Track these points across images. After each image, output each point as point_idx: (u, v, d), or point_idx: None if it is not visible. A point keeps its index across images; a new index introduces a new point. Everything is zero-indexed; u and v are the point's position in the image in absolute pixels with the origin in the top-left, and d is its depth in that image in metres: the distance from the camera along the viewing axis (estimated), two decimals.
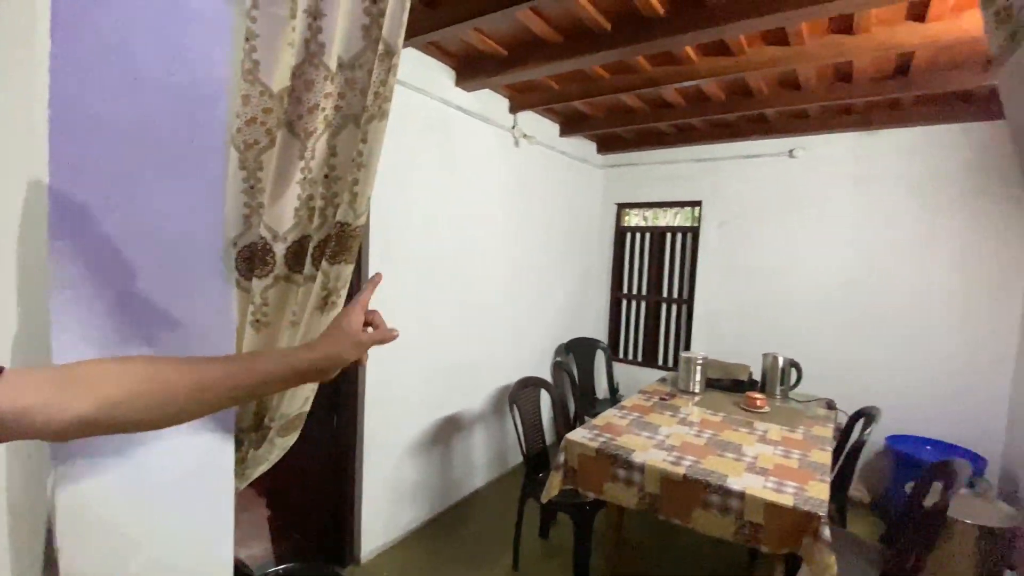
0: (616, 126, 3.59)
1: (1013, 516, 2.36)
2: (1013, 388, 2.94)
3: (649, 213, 4.52)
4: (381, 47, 0.68)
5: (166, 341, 0.82)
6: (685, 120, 3.37)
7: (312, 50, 0.72)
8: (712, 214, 4.04)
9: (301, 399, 0.97)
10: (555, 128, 3.79)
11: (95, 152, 0.73)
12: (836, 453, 2.37)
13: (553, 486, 2.13)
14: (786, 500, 1.70)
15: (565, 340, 4.17)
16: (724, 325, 3.99)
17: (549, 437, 2.90)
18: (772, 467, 1.96)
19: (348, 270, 0.82)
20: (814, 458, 2.08)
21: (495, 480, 3.45)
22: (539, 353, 3.89)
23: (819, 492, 1.77)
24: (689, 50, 2.42)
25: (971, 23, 1.91)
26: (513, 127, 3.29)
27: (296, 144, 0.76)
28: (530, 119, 3.48)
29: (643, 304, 4.50)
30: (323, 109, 0.74)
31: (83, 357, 0.72)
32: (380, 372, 2.49)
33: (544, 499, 2.16)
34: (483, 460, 3.35)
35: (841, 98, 2.81)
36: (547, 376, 3.85)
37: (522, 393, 2.55)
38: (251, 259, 0.86)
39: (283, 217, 0.79)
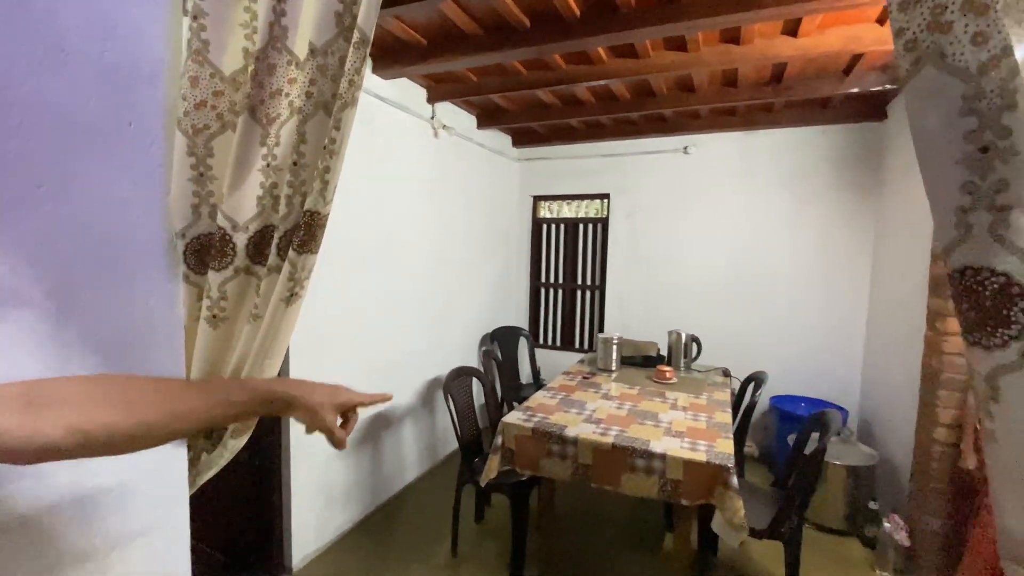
0: (531, 120, 3.71)
1: (872, 456, 2.86)
2: (865, 349, 3.54)
3: (563, 205, 4.73)
4: (356, 35, 0.68)
5: (106, 340, 0.75)
6: (594, 117, 3.57)
7: (275, 34, 0.71)
8: (620, 206, 4.34)
9: None
10: (472, 120, 3.83)
11: (23, 136, 0.65)
12: (733, 414, 2.70)
13: (492, 468, 2.20)
14: (700, 456, 1.92)
15: (489, 330, 4.25)
16: (633, 307, 4.32)
17: (481, 423, 2.97)
18: (685, 429, 2.19)
19: (314, 260, 0.81)
20: (718, 419, 2.36)
21: (427, 473, 3.45)
22: (464, 344, 3.93)
23: (726, 447, 2.02)
24: (601, 51, 2.58)
25: (833, 39, 2.26)
26: (432, 117, 3.27)
27: (257, 130, 0.73)
28: (448, 110, 3.49)
29: (560, 291, 4.72)
30: (287, 95, 0.73)
31: (14, 360, 0.66)
32: (304, 371, 2.39)
33: (483, 482, 2.22)
34: (414, 454, 3.33)
35: (728, 101, 3.16)
36: (475, 365, 3.91)
37: (455, 383, 2.59)
38: (202, 251, 0.82)
39: (243, 206, 0.76)
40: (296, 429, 2.38)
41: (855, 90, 2.81)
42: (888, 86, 2.74)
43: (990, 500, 0.50)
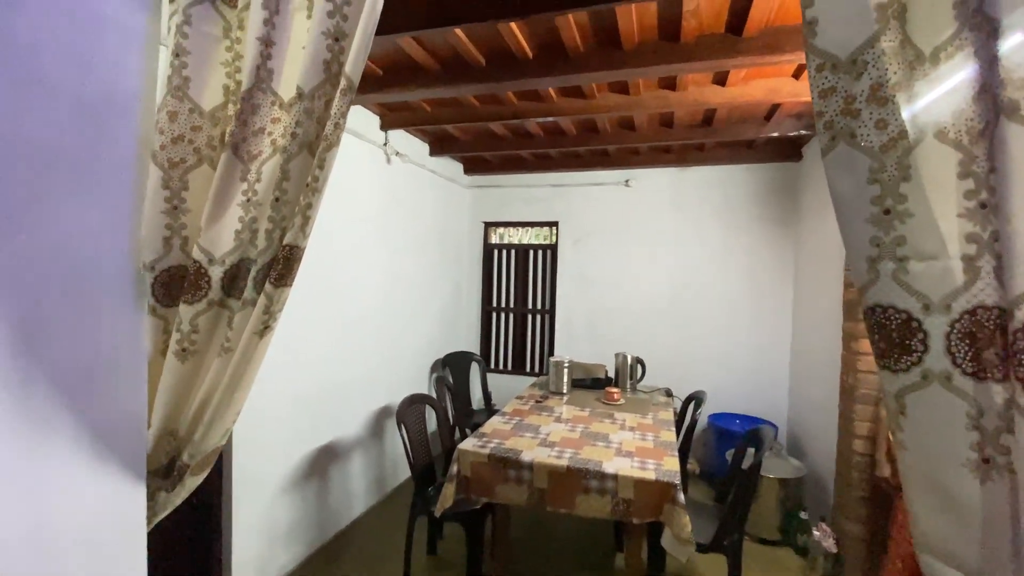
0: (483, 150, 3.82)
1: (800, 468, 3.09)
2: (790, 368, 3.85)
3: (513, 231, 4.85)
4: (344, 82, 0.72)
5: (70, 371, 0.73)
6: (543, 150, 3.73)
7: (261, 76, 0.73)
8: (567, 233, 4.51)
9: (220, 432, 0.91)
10: (425, 147, 3.88)
11: (1, 170, 0.63)
12: (676, 432, 2.84)
13: (447, 497, 2.18)
14: (649, 475, 2.01)
15: (440, 355, 4.23)
16: (580, 330, 4.46)
17: (433, 451, 2.93)
18: (634, 449, 2.29)
19: (288, 292, 0.82)
20: (664, 438, 2.48)
21: (375, 507, 3.34)
22: (416, 370, 3.89)
23: (672, 465, 2.13)
24: (551, 90, 2.73)
25: (756, 89, 2.53)
26: (385, 144, 3.30)
27: (239, 166, 0.75)
28: (400, 137, 3.52)
29: (511, 315, 4.79)
30: (270, 133, 0.75)
31: None
32: (247, 405, 2.28)
33: (438, 512, 2.20)
34: (361, 488, 3.22)
35: (664, 140, 3.42)
36: (425, 391, 3.86)
37: (409, 411, 2.56)
38: (171, 283, 0.81)
39: (220, 240, 0.76)
40: (239, 462, 2.26)
41: (775, 134, 3.13)
42: (803, 131, 3.07)
43: (904, 503, 0.59)
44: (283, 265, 0.78)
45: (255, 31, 0.72)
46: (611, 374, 3.55)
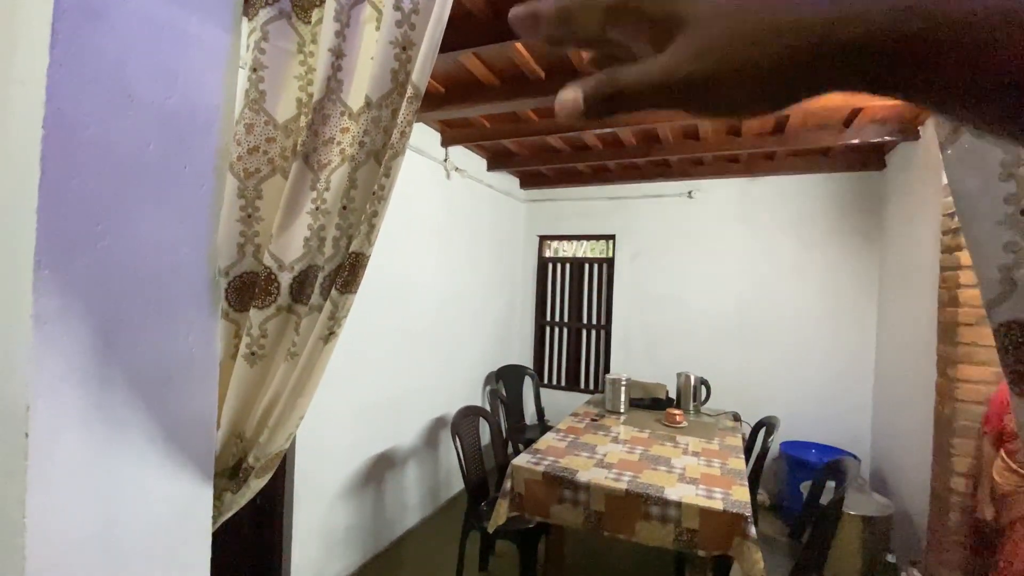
0: (540, 164, 3.82)
1: (887, 506, 2.79)
2: (874, 395, 3.51)
3: (569, 245, 4.80)
4: (410, 90, 0.73)
5: (146, 374, 0.76)
6: (601, 162, 3.68)
7: (331, 87, 0.75)
8: (625, 247, 4.40)
9: (284, 435, 0.93)
10: (482, 163, 3.94)
11: (86, 175, 0.68)
12: (745, 459, 2.65)
13: (500, 513, 2.14)
14: (716, 504, 1.88)
15: (494, 368, 4.22)
16: (638, 348, 4.30)
17: (486, 465, 2.90)
18: (700, 476, 2.15)
19: (353, 299, 0.83)
20: (732, 465, 2.32)
21: (428, 518, 3.34)
22: (470, 383, 3.90)
23: (742, 495, 1.98)
24: None
25: (832, 94, 2.36)
26: (445, 160, 3.37)
27: (309, 175, 0.77)
28: (459, 153, 3.59)
29: (565, 330, 4.71)
30: (339, 143, 0.77)
31: (60, 392, 0.66)
32: (310, 411, 2.36)
33: (491, 528, 2.16)
34: (416, 498, 3.24)
35: (731, 149, 3.27)
36: (479, 404, 3.86)
37: (463, 422, 2.55)
38: (244, 289, 0.84)
39: (291, 247, 0.78)
40: (301, 468, 2.33)
41: (855, 141, 2.91)
42: (887, 138, 2.83)
43: (1008, 553, 0.49)
44: (349, 272, 0.78)
45: (327, 43, 0.74)
46: (672, 395, 3.39)
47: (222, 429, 0.86)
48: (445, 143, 3.35)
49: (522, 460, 2.22)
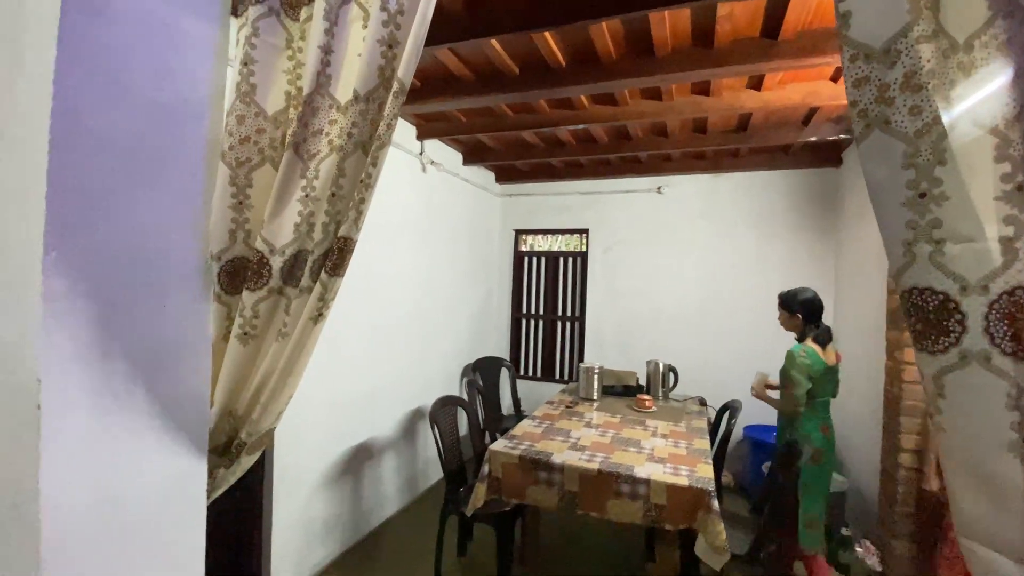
0: (515, 159, 3.88)
1: (843, 482, 2.98)
2: None
3: (544, 239, 4.89)
4: (396, 86, 0.78)
5: (141, 354, 0.80)
6: (574, 157, 3.77)
7: (321, 81, 0.80)
8: (597, 240, 4.52)
9: (275, 413, 0.98)
10: (458, 157, 3.98)
11: (85, 162, 0.71)
12: (710, 441, 2.79)
13: (478, 497, 2.21)
14: (683, 481, 1.99)
15: (470, 360, 4.28)
16: (610, 338, 4.44)
17: (464, 455, 2.97)
18: (667, 456, 2.27)
19: (340, 282, 0.88)
20: (697, 446, 2.45)
21: (406, 507, 3.39)
22: (447, 375, 3.95)
23: (706, 472, 2.10)
24: (583, 98, 2.77)
25: (793, 93, 2.50)
26: (421, 153, 3.40)
27: (299, 164, 0.81)
28: (434, 147, 3.62)
29: (541, 322, 4.81)
30: (327, 134, 0.81)
31: (68, 371, 0.70)
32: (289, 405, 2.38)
33: (469, 511, 2.23)
34: (393, 488, 3.28)
35: (698, 146, 3.40)
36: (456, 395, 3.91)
37: (441, 411, 2.61)
38: (235, 273, 0.88)
39: (281, 232, 0.83)
40: (280, 461, 2.35)
41: (813, 138, 3.08)
42: (843, 136, 3.01)
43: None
44: (338, 256, 0.83)
45: (316, 40, 0.79)
46: (642, 382, 3.51)
47: (216, 407, 0.90)
48: (421, 136, 3.38)
49: (499, 445, 2.30)
